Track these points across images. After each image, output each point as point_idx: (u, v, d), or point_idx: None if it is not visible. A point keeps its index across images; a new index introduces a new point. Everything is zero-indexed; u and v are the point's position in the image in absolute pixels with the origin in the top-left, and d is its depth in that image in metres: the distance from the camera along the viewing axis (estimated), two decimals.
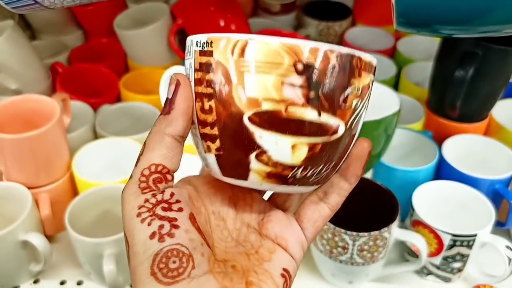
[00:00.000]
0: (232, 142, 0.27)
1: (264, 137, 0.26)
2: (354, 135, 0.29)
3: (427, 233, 0.58)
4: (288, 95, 0.26)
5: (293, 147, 0.27)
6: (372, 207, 0.59)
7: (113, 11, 0.87)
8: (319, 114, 0.26)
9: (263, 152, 0.27)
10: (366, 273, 0.58)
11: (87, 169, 0.65)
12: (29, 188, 0.61)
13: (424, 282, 0.62)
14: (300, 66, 0.26)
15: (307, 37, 0.92)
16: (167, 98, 0.28)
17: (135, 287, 0.26)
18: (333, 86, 0.26)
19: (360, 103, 0.28)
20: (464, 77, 0.66)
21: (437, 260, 0.59)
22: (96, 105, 0.77)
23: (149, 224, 0.26)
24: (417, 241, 0.56)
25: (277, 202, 0.33)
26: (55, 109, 0.62)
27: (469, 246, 0.57)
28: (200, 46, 0.28)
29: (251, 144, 0.27)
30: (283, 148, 0.27)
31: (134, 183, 0.27)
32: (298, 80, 0.26)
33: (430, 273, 0.61)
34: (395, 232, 0.56)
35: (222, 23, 0.84)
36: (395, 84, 0.86)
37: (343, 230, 0.54)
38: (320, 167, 0.28)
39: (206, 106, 0.27)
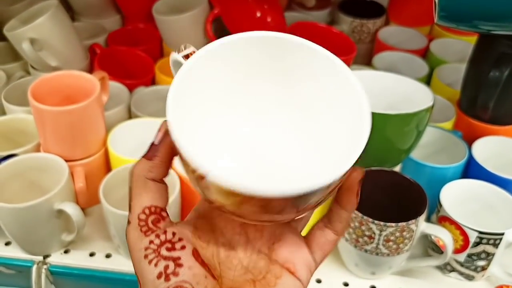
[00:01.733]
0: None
1: None
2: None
3: (453, 229, 0.58)
4: None
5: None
6: (400, 200, 0.60)
7: None
8: None
9: None
10: (389, 265, 0.59)
11: (121, 146, 0.67)
12: (65, 161, 0.63)
13: (446, 279, 0.62)
14: None
15: (342, 32, 0.92)
16: (152, 143, 0.29)
17: None
18: None
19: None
20: (499, 78, 0.66)
21: (462, 257, 0.59)
22: (131, 87, 0.79)
23: (155, 265, 0.28)
24: (443, 235, 0.56)
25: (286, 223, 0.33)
26: (95, 86, 0.64)
27: (495, 245, 0.57)
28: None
29: None
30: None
31: (134, 228, 0.29)
32: None
33: (453, 270, 0.61)
34: (422, 225, 0.56)
35: (258, 14, 0.85)
36: (426, 84, 0.87)
37: (370, 220, 0.54)
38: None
39: None
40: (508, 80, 0.67)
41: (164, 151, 0.29)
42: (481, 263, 0.59)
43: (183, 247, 0.29)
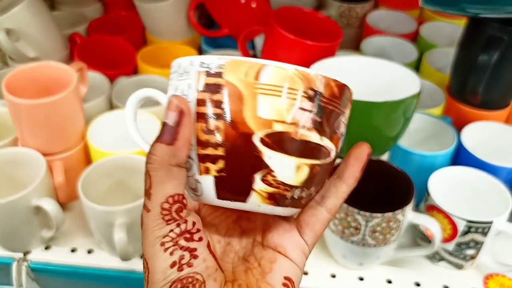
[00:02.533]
0: (239, 162, 0.27)
1: (273, 158, 0.27)
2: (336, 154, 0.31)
3: (441, 218, 0.57)
4: (299, 118, 0.27)
5: (297, 168, 0.28)
6: (387, 190, 0.58)
7: None
8: (321, 138, 0.28)
9: (270, 172, 0.27)
10: (377, 256, 0.58)
11: (101, 139, 0.65)
12: (43, 155, 0.61)
13: (436, 268, 0.61)
14: (311, 93, 0.27)
15: (328, 17, 0.90)
16: (167, 124, 0.27)
17: None
18: (332, 113, 0.29)
19: (344, 130, 0.30)
20: (488, 62, 0.65)
21: (450, 246, 0.58)
22: (113, 77, 0.77)
23: (171, 254, 0.27)
24: (431, 224, 0.55)
25: None
26: (72, 77, 0.62)
27: (484, 233, 0.56)
28: (206, 67, 0.27)
29: (258, 164, 0.27)
30: (288, 169, 0.28)
31: (156, 215, 0.27)
32: (308, 105, 0.27)
33: (442, 259, 0.60)
34: (409, 215, 0.55)
35: (243, 0, 0.83)
36: (416, 68, 0.85)
37: (356, 210, 0.53)
38: (312, 189, 0.30)
39: (212, 127, 0.27)
40: (497, 64, 0.65)
41: (184, 131, 0.27)
42: (470, 251, 0.58)
43: (200, 239, 0.28)
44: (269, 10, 0.84)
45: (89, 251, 0.62)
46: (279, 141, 0.27)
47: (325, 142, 0.28)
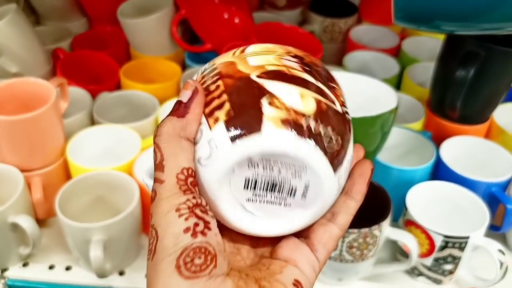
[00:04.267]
0: (244, 97, 0.28)
1: (273, 86, 0.28)
2: (351, 130, 0.30)
3: (419, 233, 0.57)
4: (287, 64, 0.29)
5: (302, 96, 0.28)
6: (365, 205, 0.58)
7: None
8: (316, 82, 0.29)
9: (274, 96, 0.27)
10: (355, 271, 0.58)
11: (81, 155, 0.65)
12: (22, 171, 0.61)
13: (415, 283, 0.61)
14: (293, 53, 0.30)
15: (311, 33, 0.91)
16: (180, 101, 0.28)
17: (154, 278, 0.26)
18: (321, 73, 0.30)
19: (343, 98, 0.31)
20: (465, 77, 0.65)
21: (428, 261, 0.58)
22: (95, 92, 0.77)
23: (186, 219, 0.26)
24: (408, 240, 0.55)
25: None
26: (51, 93, 0.62)
27: (461, 248, 0.56)
28: (202, 71, 0.31)
29: (261, 92, 0.27)
30: (292, 95, 0.28)
31: (172, 185, 0.27)
32: (293, 59, 0.30)
33: (421, 274, 0.60)
34: (386, 230, 0.55)
35: (226, 16, 0.83)
36: (397, 83, 0.86)
37: None
38: (330, 130, 0.27)
39: (213, 87, 0.29)
40: (474, 79, 0.66)
41: (195, 106, 0.28)
42: (448, 266, 0.58)
43: (213, 217, 0.28)
44: (252, 26, 0.84)
45: (67, 268, 0.61)
46: (276, 75, 0.28)
47: (323, 87, 0.29)
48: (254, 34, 0.71)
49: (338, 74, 0.67)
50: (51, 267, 0.62)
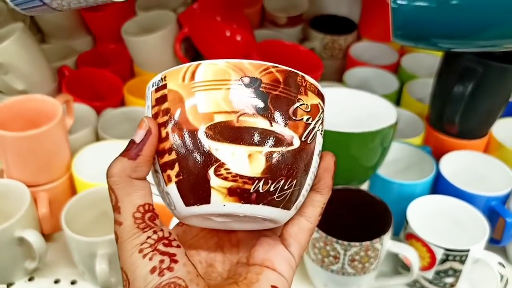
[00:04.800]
0: (190, 161, 0.27)
1: (220, 149, 0.27)
2: (313, 152, 0.30)
3: (420, 247, 0.58)
4: (238, 106, 0.27)
5: (250, 156, 0.27)
6: (366, 219, 0.59)
7: (122, 17, 0.89)
8: (271, 124, 0.27)
9: (221, 165, 0.27)
10: (357, 284, 0.58)
11: (87, 170, 0.66)
12: (28, 186, 0.62)
13: None
14: (246, 80, 0.27)
15: (312, 50, 0.93)
16: (133, 141, 0.28)
17: None
18: (281, 98, 0.28)
19: (312, 120, 0.29)
20: (463, 93, 0.67)
21: (430, 274, 0.59)
22: (100, 109, 0.79)
23: (150, 259, 0.27)
24: (409, 253, 0.56)
25: (261, 231, 0.33)
26: (57, 109, 0.63)
27: (462, 262, 0.57)
28: (155, 85, 0.29)
29: (208, 159, 0.27)
30: (240, 159, 0.27)
31: (129, 226, 0.27)
32: (246, 92, 0.27)
33: (422, 287, 0.61)
34: (387, 243, 0.56)
35: (228, 34, 0.85)
36: (397, 99, 0.87)
37: (334, 239, 0.54)
38: (282, 182, 0.28)
39: (163, 134, 0.28)
40: (472, 94, 0.67)
41: (147, 150, 0.28)
42: (449, 280, 0.59)
43: (178, 246, 0.28)
44: (253, 43, 0.86)
45: (73, 282, 0.62)
46: (223, 131, 0.27)
47: (279, 128, 0.27)
48: (255, 51, 0.72)
49: (338, 90, 0.68)
50: (56, 282, 0.62)
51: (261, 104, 0.27)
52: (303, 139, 0.28)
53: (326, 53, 0.98)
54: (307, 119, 0.28)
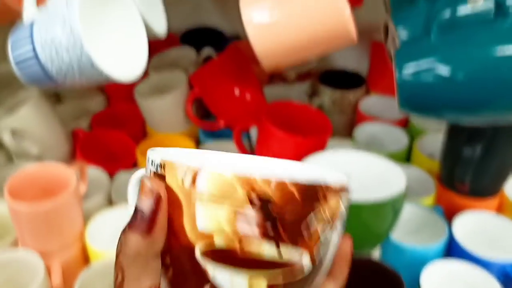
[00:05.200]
0: (184, 274, 0.26)
1: (218, 274, 0.25)
2: (327, 268, 0.28)
3: None
4: (242, 230, 0.24)
5: (251, 286, 0.24)
6: None
7: None
8: (279, 250, 0.25)
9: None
10: None
11: (100, 237, 0.67)
12: (41, 253, 0.62)
13: None
14: (255, 202, 0.24)
15: (321, 106, 0.94)
16: (141, 211, 0.25)
17: None
18: (293, 218, 0.25)
19: (328, 230, 0.26)
20: (473, 154, 0.67)
21: None
22: (112, 170, 0.80)
23: None
24: None
25: None
26: (71, 178, 0.64)
27: None
28: (154, 167, 0.27)
29: (203, 279, 0.25)
30: (239, 287, 0.25)
31: None
32: (253, 215, 0.24)
33: None
34: None
35: (237, 92, 0.86)
36: (407, 155, 0.87)
37: None
38: None
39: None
40: (482, 155, 0.67)
41: (161, 219, 0.25)
42: None
43: None
44: (263, 101, 0.87)
45: None
46: (223, 257, 0.24)
47: (287, 255, 0.25)
48: (265, 111, 0.74)
49: (345, 154, 0.69)
50: None
51: (269, 228, 0.24)
52: (316, 262, 0.26)
53: (335, 108, 0.99)
54: (323, 230, 0.26)
